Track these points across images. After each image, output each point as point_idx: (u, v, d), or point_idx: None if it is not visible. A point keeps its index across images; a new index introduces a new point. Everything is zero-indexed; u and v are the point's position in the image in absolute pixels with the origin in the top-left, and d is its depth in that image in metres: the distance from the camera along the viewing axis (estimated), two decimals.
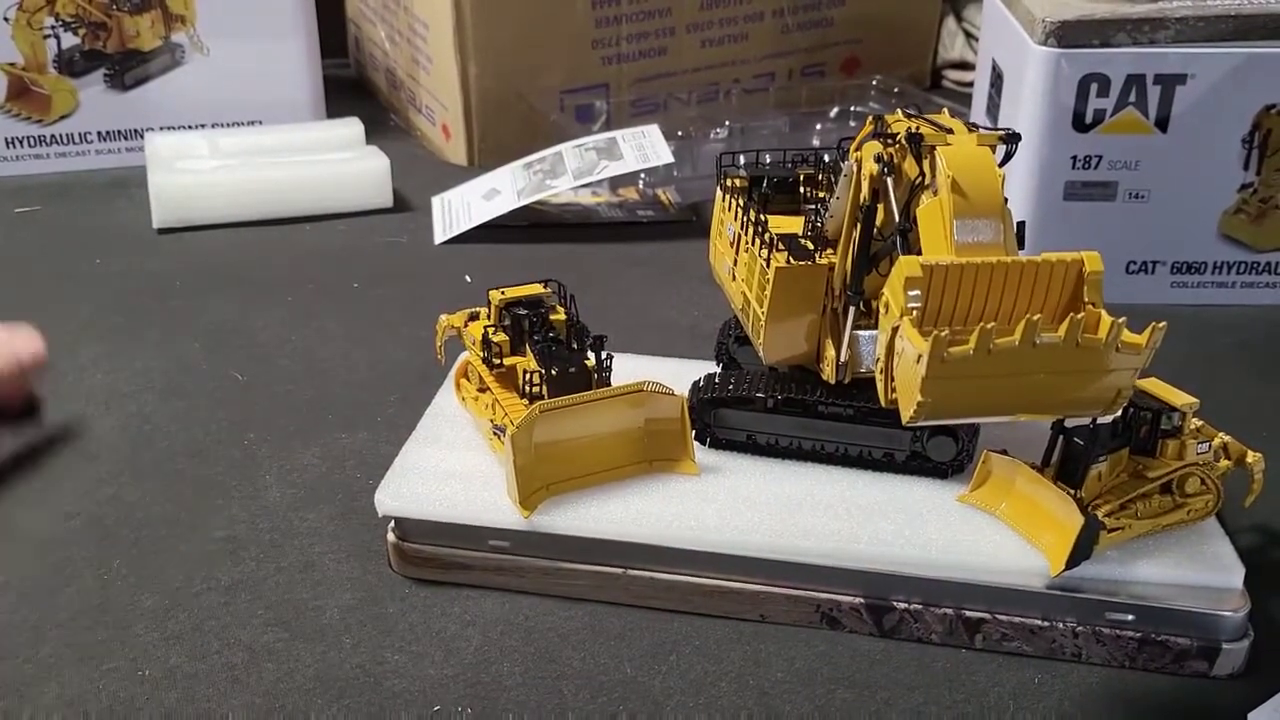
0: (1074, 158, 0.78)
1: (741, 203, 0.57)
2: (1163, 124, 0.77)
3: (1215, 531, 0.53)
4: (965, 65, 1.26)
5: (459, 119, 1.06)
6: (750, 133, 1.05)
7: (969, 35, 1.26)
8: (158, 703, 0.48)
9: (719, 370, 0.61)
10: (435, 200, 0.97)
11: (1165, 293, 0.81)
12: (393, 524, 0.55)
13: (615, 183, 1.00)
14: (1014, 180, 0.46)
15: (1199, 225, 0.80)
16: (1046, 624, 0.50)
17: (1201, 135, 0.77)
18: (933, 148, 0.47)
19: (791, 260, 0.53)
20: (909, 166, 0.48)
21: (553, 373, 0.54)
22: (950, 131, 0.48)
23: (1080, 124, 0.77)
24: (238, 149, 0.99)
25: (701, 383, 0.58)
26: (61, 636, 0.51)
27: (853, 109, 1.12)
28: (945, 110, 0.51)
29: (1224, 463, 0.53)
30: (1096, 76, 0.76)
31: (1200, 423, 0.53)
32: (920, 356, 0.42)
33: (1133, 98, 0.76)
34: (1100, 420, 0.50)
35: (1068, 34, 0.75)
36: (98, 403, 0.68)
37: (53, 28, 1.02)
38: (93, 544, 0.57)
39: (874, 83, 1.15)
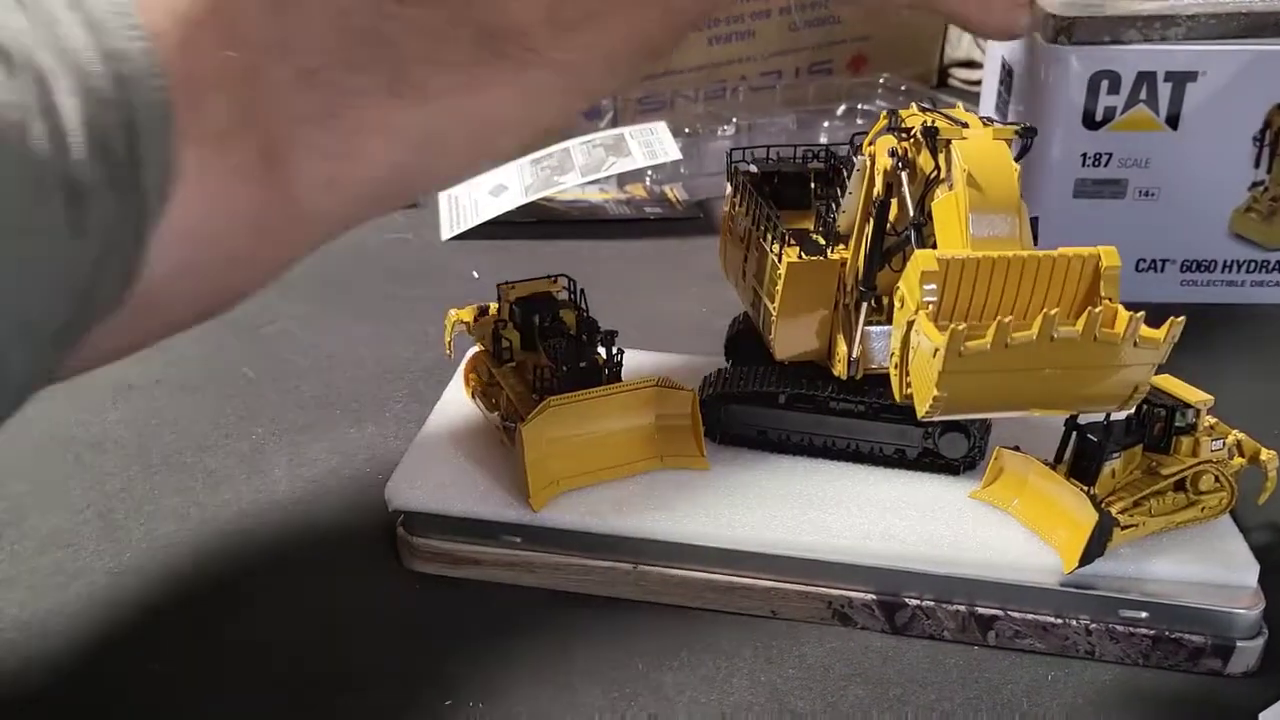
0: (1084, 155, 0.78)
1: (752, 198, 0.57)
2: (1173, 121, 0.76)
3: (1229, 529, 0.52)
4: (972, 64, 1.25)
5: None
6: (757, 130, 1.04)
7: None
8: (166, 697, 0.47)
9: (729, 366, 0.61)
10: (442, 196, 0.96)
11: (1175, 291, 0.81)
12: (402, 518, 0.55)
13: (623, 179, 1.00)
14: (1023, 178, 0.46)
15: (1209, 223, 0.79)
16: (1060, 621, 0.50)
17: (1212, 133, 0.76)
18: (948, 142, 0.47)
19: (803, 255, 0.53)
20: (924, 160, 0.48)
21: (563, 368, 0.54)
22: (965, 125, 0.47)
23: (1090, 121, 0.77)
24: None
25: (712, 378, 0.58)
26: (69, 631, 0.51)
27: (860, 107, 1.12)
28: (959, 105, 0.51)
29: (1238, 460, 0.53)
30: (1107, 74, 0.75)
31: (1214, 420, 0.53)
32: (936, 350, 0.42)
33: (1143, 95, 0.76)
34: (1114, 416, 0.50)
35: (1078, 31, 0.75)
36: (107, 397, 0.68)
37: None
38: (102, 537, 0.56)
39: (881, 80, 1.15)
